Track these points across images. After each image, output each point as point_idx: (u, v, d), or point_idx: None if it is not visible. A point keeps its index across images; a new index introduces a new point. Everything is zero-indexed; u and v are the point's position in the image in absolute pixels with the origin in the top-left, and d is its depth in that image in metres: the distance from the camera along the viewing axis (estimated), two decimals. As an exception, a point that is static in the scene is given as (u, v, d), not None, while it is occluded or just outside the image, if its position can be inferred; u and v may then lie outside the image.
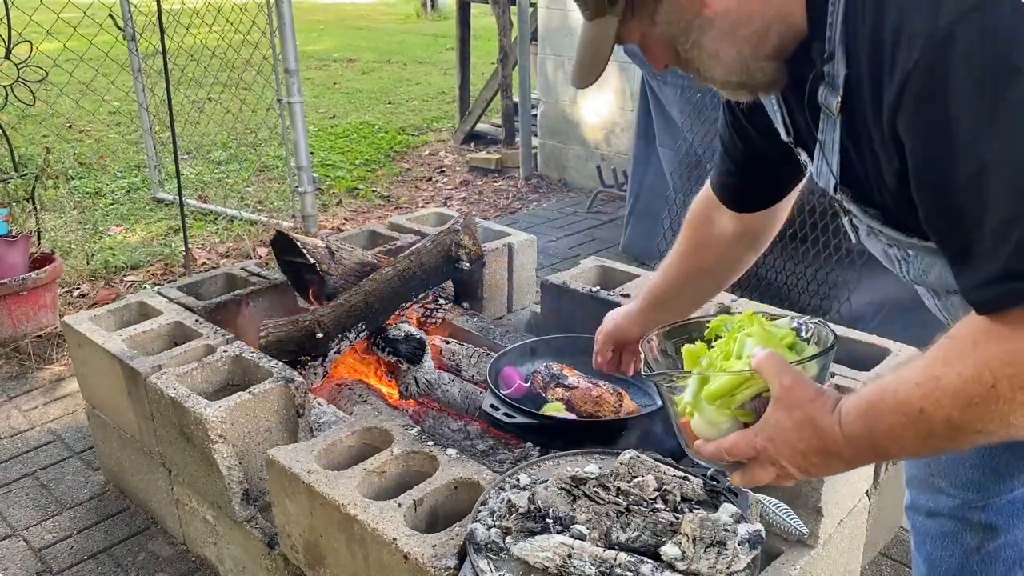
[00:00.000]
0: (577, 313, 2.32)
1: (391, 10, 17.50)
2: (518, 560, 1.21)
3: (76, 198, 5.12)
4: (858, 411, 0.89)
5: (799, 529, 1.51)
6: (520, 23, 5.56)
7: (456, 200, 5.38)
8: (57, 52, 3.91)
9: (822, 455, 0.92)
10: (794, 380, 0.94)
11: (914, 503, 1.43)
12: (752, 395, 0.99)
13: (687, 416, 1.04)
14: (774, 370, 0.95)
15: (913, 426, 0.84)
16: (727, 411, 1.00)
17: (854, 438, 0.89)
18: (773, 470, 0.97)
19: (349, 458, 1.70)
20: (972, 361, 0.79)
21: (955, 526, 1.36)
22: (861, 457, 0.92)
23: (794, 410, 0.92)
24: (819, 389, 0.94)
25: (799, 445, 0.93)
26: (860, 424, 0.88)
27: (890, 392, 0.86)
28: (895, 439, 0.86)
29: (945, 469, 1.35)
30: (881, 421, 0.86)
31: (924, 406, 0.82)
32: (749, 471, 0.99)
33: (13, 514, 2.37)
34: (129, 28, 4.64)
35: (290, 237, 2.34)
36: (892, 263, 1.09)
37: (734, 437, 0.98)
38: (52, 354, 3.25)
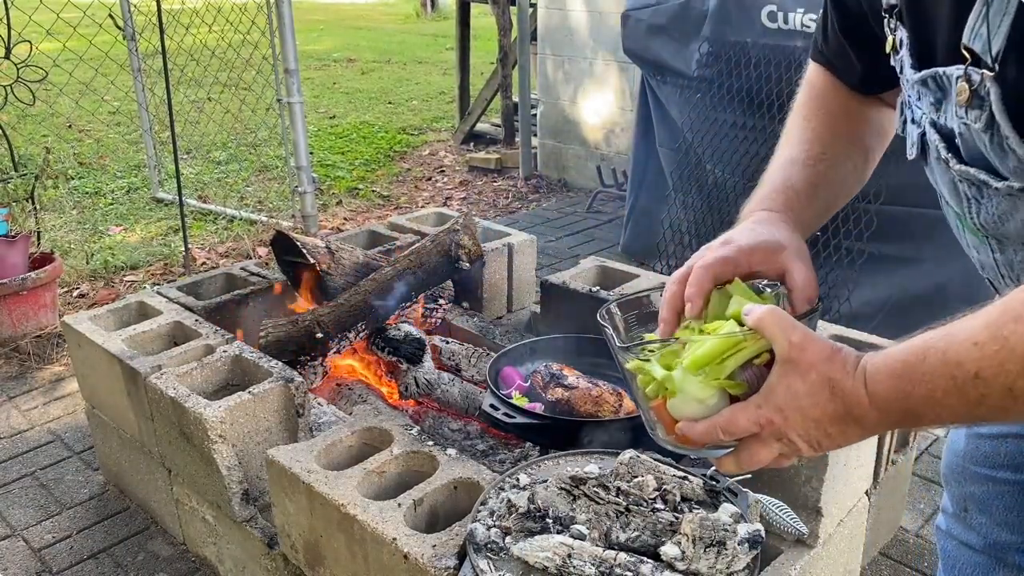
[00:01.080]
0: (577, 313, 2.32)
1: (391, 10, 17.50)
2: (518, 560, 1.21)
3: (76, 198, 5.12)
4: (890, 371, 0.76)
5: (799, 529, 1.51)
6: (520, 23, 5.56)
7: (456, 200, 5.38)
8: (57, 52, 3.91)
9: (840, 423, 0.79)
10: (805, 337, 0.80)
11: (948, 529, 1.35)
12: (742, 361, 0.83)
13: (661, 397, 0.87)
14: (779, 327, 0.80)
15: (960, 393, 0.72)
16: (714, 383, 0.83)
17: (883, 401, 0.76)
18: (777, 447, 0.83)
19: (349, 458, 1.71)
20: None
21: (988, 561, 1.29)
22: (885, 423, 0.79)
23: (809, 372, 0.79)
24: (835, 346, 0.80)
25: (814, 412, 0.79)
26: (891, 385, 0.76)
27: (936, 351, 0.73)
28: (934, 405, 0.74)
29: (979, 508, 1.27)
30: (920, 385, 0.74)
31: (982, 370, 0.70)
32: (748, 452, 0.84)
33: (13, 514, 2.37)
34: (129, 28, 4.64)
35: (290, 237, 2.34)
36: (959, 200, 0.89)
37: (731, 411, 0.83)
38: (52, 354, 3.25)
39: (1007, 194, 0.80)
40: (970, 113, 0.81)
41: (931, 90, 0.85)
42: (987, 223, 0.86)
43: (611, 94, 5.21)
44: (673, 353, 0.86)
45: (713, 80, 3.27)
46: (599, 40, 5.14)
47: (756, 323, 0.82)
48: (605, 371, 2.04)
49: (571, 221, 4.96)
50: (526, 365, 2.08)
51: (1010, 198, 0.81)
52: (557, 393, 1.85)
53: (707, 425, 0.84)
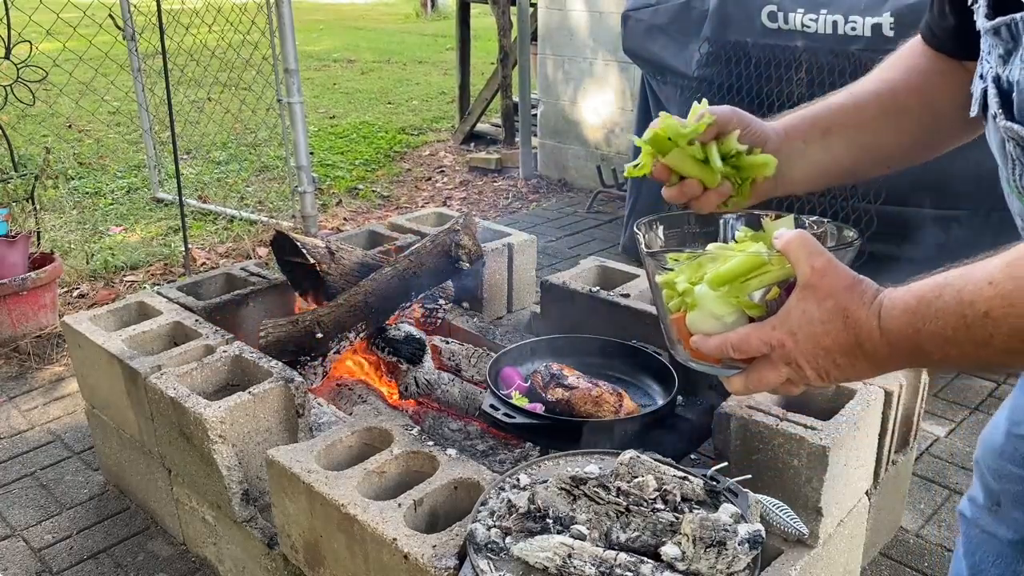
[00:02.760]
0: (577, 313, 2.32)
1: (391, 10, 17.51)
2: (518, 560, 1.21)
3: (76, 198, 5.12)
4: (905, 306, 0.77)
5: (799, 529, 1.51)
6: (520, 23, 5.56)
7: (456, 200, 5.38)
8: (57, 52, 3.91)
9: (850, 354, 0.80)
10: (827, 264, 0.81)
11: (975, 519, 1.31)
12: (764, 284, 0.84)
13: (682, 311, 0.88)
14: (804, 251, 0.81)
15: (969, 331, 0.72)
16: (733, 301, 0.84)
17: (894, 336, 0.77)
18: (786, 371, 0.84)
19: (349, 458, 1.71)
20: None
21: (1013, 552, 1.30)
22: (895, 360, 0.80)
23: (826, 299, 0.80)
24: (856, 277, 0.81)
25: (825, 340, 0.80)
26: (904, 320, 0.76)
27: (952, 289, 0.73)
28: (943, 343, 0.74)
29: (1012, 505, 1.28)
30: (932, 322, 0.74)
31: (992, 309, 0.70)
32: (757, 373, 0.85)
33: (13, 514, 2.37)
34: (129, 28, 4.64)
35: (290, 237, 2.34)
36: (1005, 161, 0.89)
37: (745, 330, 0.84)
38: (52, 354, 3.25)
39: None
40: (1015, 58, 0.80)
41: (1003, 40, 0.84)
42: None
43: (611, 94, 5.21)
44: (700, 267, 0.86)
45: (713, 80, 3.27)
46: (599, 40, 5.14)
47: (783, 246, 0.82)
48: (605, 371, 2.04)
49: (571, 221, 4.96)
50: (526, 365, 2.08)
51: None
52: (557, 393, 1.85)
53: (720, 340, 0.85)
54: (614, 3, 4.86)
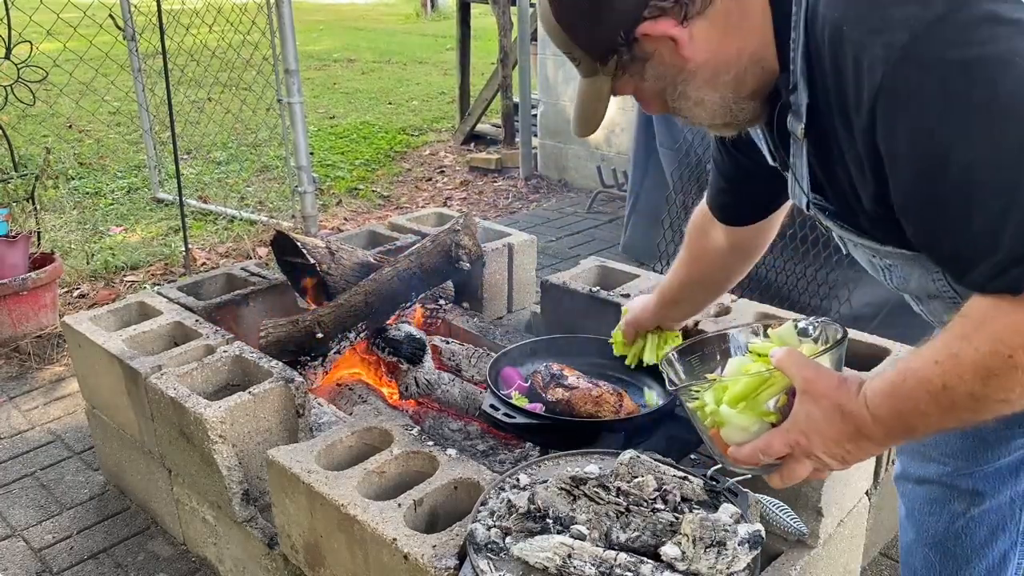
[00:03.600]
0: (577, 313, 2.32)
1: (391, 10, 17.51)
2: (518, 560, 1.21)
3: (76, 198, 5.13)
4: (883, 393, 0.92)
5: (799, 529, 1.51)
6: (520, 23, 5.56)
7: (456, 200, 5.38)
8: (57, 52, 3.91)
9: (855, 440, 0.95)
10: (816, 371, 0.97)
11: (904, 472, 1.51)
12: (773, 395, 1.02)
13: (715, 427, 1.07)
14: (795, 365, 0.98)
15: (936, 402, 0.86)
16: (752, 414, 1.03)
17: (883, 419, 0.92)
18: (810, 463, 1.00)
19: (349, 458, 1.71)
20: (987, 335, 0.82)
21: (943, 492, 1.43)
22: (892, 437, 0.95)
23: (821, 400, 0.95)
24: (841, 377, 0.97)
25: (830, 433, 0.95)
26: (888, 405, 0.91)
27: (912, 372, 0.89)
28: (921, 417, 0.89)
29: (936, 439, 1.41)
30: (906, 401, 0.89)
31: (947, 382, 0.85)
32: (788, 469, 1.02)
33: (13, 514, 2.37)
34: (129, 28, 4.64)
35: (290, 237, 2.34)
36: (877, 272, 1.14)
37: (767, 436, 1.01)
38: (52, 354, 3.26)
39: (899, 265, 1.05)
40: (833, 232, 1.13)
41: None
42: (899, 285, 1.11)
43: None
44: (722, 389, 1.06)
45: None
46: (599, 40, 5.14)
47: (777, 363, 1.00)
48: (605, 371, 2.04)
49: (571, 221, 4.96)
50: (526, 365, 2.07)
51: (903, 267, 1.06)
52: (557, 393, 1.85)
53: (751, 448, 1.03)
54: (614, 3, 4.85)
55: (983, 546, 1.42)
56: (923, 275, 1.03)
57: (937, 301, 1.08)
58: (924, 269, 1.03)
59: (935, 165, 0.82)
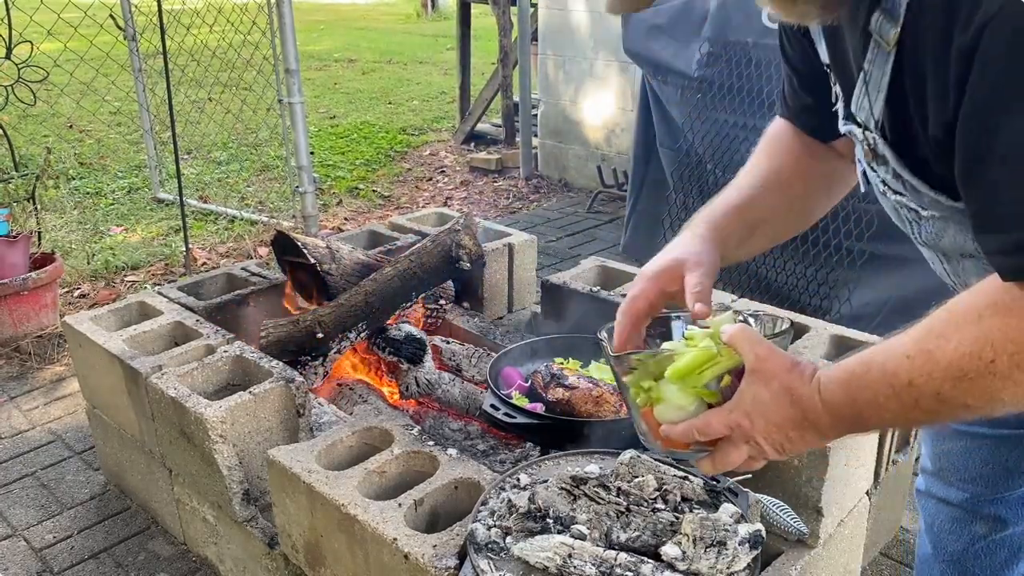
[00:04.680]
0: (577, 313, 2.32)
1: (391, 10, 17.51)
2: (518, 560, 1.21)
3: (77, 198, 5.13)
4: (839, 381, 0.87)
5: (799, 529, 1.51)
6: (520, 23, 5.56)
7: (456, 200, 5.38)
8: (58, 52, 3.91)
9: (799, 428, 0.90)
10: (769, 351, 0.91)
11: (927, 489, 1.45)
12: (717, 374, 0.95)
13: (649, 405, 0.99)
14: (747, 341, 0.92)
15: (898, 398, 0.82)
16: (693, 392, 0.95)
17: (834, 408, 0.87)
18: (746, 449, 0.94)
19: (349, 458, 1.71)
20: (973, 334, 0.77)
21: (964, 515, 1.38)
22: (838, 428, 0.90)
23: (772, 381, 0.90)
24: (795, 359, 0.92)
25: (775, 417, 0.90)
26: (841, 394, 0.87)
27: (876, 364, 0.84)
28: (877, 410, 0.85)
29: (955, 464, 1.36)
30: (864, 392, 0.85)
31: (913, 379, 0.80)
32: (721, 453, 0.95)
33: (14, 514, 2.37)
34: (130, 28, 4.64)
35: (290, 237, 2.34)
36: (903, 223, 1.03)
37: (706, 415, 0.94)
38: (53, 354, 3.26)
39: (933, 218, 0.95)
40: (878, 168, 0.97)
41: (855, 141, 0.99)
42: (928, 240, 1.00)
43: (612, 94, 5.21)
44: (659, 364, 0.97)
45: (714, 80, 3.27)
46: (600, 40, 5.14)
47: (729, 339, 0.93)
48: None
49: (572, 221, 4.96)
50: (526, 365, 2.08)
51: (940, 219, 0.95)
52: (557, 393, 1.85)
53: (685, 426, 0.95)
54: (615, 3, 4.85)
55: (1003, 567, 1.39)
56: (960, 231, 0.93)
57: (970, 261, 0.98)
58: (963, 225, 0.92)
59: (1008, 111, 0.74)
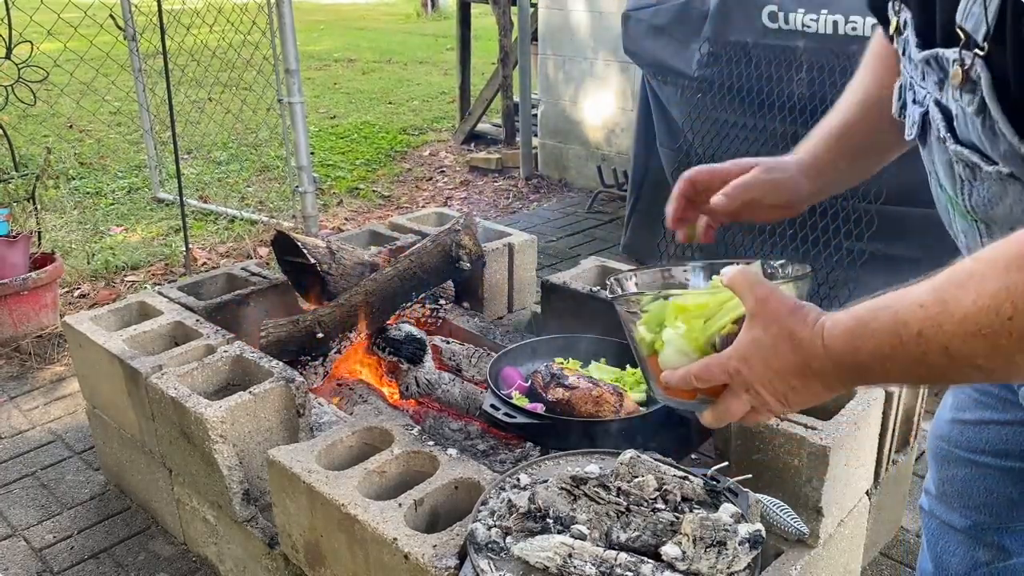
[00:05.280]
0: (577, 313, 2.32)
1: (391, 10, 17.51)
2: (518, 560, 1.21)
3: (77, 198, 5.13)
4: (845, 327, 0.81)
5: (799, 529, 1.51)
6: (520, 23, 5.56)
7: (456, 200, 5.38)
8: (58, 52, 3.91)
9: (801, 376, 0.84)
10: (770, 292, 0.86)
11: (931, 510, 1.39)
12: (724, 325, 0.92)
13: (654, 352, 0.96)
14: (747, 284, 0.87)
15: (904, 349, 0.76)
16: (697, 339, 0.92)
17: (837, 355, 0.82)
18: (747, 399, 0.89)
19: (349, 458, 1.71)
20: (995, 287, 0.70)
21: (968, 540, 1.33)
22: (842, 378, 0.84)
23: (771, 325, 0.84)
24: (798, 303, 0.86)
25: (775, 363, 0.85)
26: (845, 340, 0.81)
27: (888, 311, 0.78)
28: (883, 360, 0.79)
29: (959, 490, 1.30)
30: (870, 340, 0.79)
31: (923, 329, 0.74)
32: (722, 403, 0.91)
33: (13, 514, 2.37)
34: (130, 28, 4.64)
35: (291, 237, 2.34)
36: (954, 182, 0.93)
37: (705, 360, 0.90)
38: (53, 354, 3.26)
39: (997, 178, 0.85)
40: (964, 96, 0.84)
41: (934, 70, 0.88)
42: (977, 206, 0.91)
43: (612, 94, 5.21)
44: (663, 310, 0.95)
45: (714, 80, 3.27)
46: (600, 40, 5.14)
47: (728, 282, 0.88)
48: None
49: (571, 221, 4.96)
50: (526, 365, 2.08)
51: (1000, 182, 0.85)
52: (557, 393, 1.85)
53: (684, 372, 0.91)
54: (615, 3, 4.86)
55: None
56: (1017, 201, 0.85)
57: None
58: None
59: None
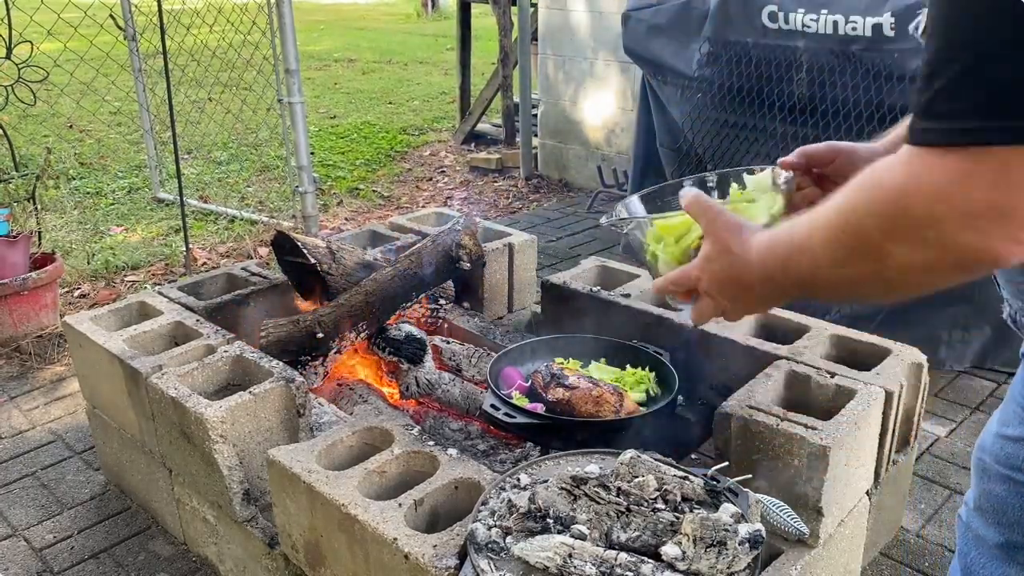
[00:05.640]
0: (577, 313, 2.32)
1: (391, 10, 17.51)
2: (519, 560, 1.21)
3: (77, 198, 5.13)
4: (766, 242, 0.93)
5: (799, 529, 1.51)
6: (520, 23, 5.56)
7: (457, 200, 5.38)
8: (58, 52, 3.91)
9: (738, 286, 0.97)
10: (717, 214, 0.99)
11: (967, 521, 1.39)
12: (692, 241, 1.10)
13: (654, 261, 1.17)
14: (699, 208, 1.01)
15: (799, 259, 0.86)
16: (675, 253, 1.12)
17: (759, 268, 0.93)
18: (712, 303, 1.02)
19: (350, 458, 1.71)
20: (841, 203, 0.79)
21: (1000, 556, 1.34)
22: (769, 290, 0.95)
23: (716, 242, 0.98)
24: (741, 223, 0.98)
25: (720, 275, 0.98)
26: (765, 254, 0.92)
27: (793, 224, 0.88)
28: (788, 273, 0.89)
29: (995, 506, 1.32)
30: (778, 252, 0.90)
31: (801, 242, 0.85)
32: (696, 305, 1.05)
33: (14, 514, 2.37)
34: (130, 28, 4.64)
35: (291, 237, 2.34)
36: None
37: (678, 270, 1.06)
38: (53, 354, 3.26)
39: None
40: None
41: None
42: None
43: (612, 94, 5.21)
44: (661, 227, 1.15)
45: (713, 80, 3.27)
46: (600, 40, 5.14)
47: (684, 206, 1.03)
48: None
49: (572, 221, 4.96)
50: (526, 365, 2.08)
51: None
52: (558, 393, 1.85)
53: (663, 280, 1.08)
54: (615, 3, 4.86)
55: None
56: None
57: None
58: None
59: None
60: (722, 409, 1.67)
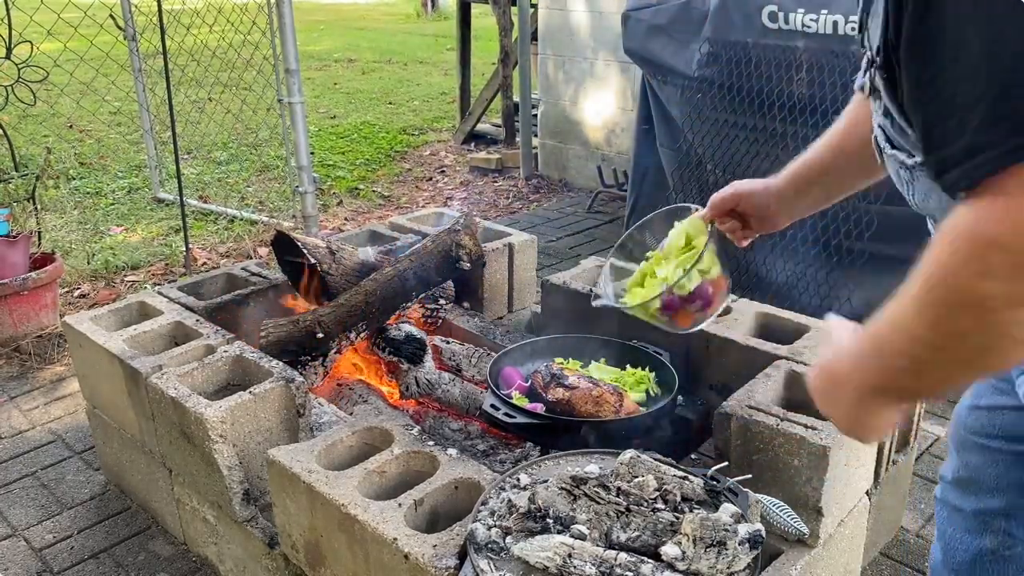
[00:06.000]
0: (577, 313, 2.32)
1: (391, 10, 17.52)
2: (518, 560, 1.21)
3: (77, 198, 5.13)
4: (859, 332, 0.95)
5: (799, 529, 1.51)
6: (520, 23, 5.56)
7: (457, 200, 5.38)
8: (58, 52, 3.91)
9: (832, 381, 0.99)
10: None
11: (943, 496, 1.45)
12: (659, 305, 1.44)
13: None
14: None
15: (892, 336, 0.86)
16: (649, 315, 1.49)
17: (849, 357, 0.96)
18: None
19: (349, 458, 1.71)
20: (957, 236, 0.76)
21: (975, 525, 1.38)
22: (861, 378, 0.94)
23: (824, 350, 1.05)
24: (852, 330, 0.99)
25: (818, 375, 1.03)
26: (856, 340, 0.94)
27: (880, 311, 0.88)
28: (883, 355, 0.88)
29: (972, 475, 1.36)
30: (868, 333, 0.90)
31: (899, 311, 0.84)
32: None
33: (14, 514, 2.37)
34: (130, 28, 4.64)
35: (290, 237, 2.34)
36: (902, 185, 1.04)
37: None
38: (53, 354, 3.26)
39: (921, 172, 0.93)
40: (874, 104, 0.97)
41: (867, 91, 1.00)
42: (919, 202, 1.01)
43: (612, 94, 5.21)
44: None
45: (713, 80, 3.27)
46: (600, 40, 5.14)
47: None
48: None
49: (572, 221, 4.96)
50: (526, 365, 2.08)
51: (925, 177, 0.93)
52: (557, 393, 1.85)
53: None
54: (615, 3, 4.86)
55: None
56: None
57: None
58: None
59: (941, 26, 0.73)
60: (722, 409, 1.67)
